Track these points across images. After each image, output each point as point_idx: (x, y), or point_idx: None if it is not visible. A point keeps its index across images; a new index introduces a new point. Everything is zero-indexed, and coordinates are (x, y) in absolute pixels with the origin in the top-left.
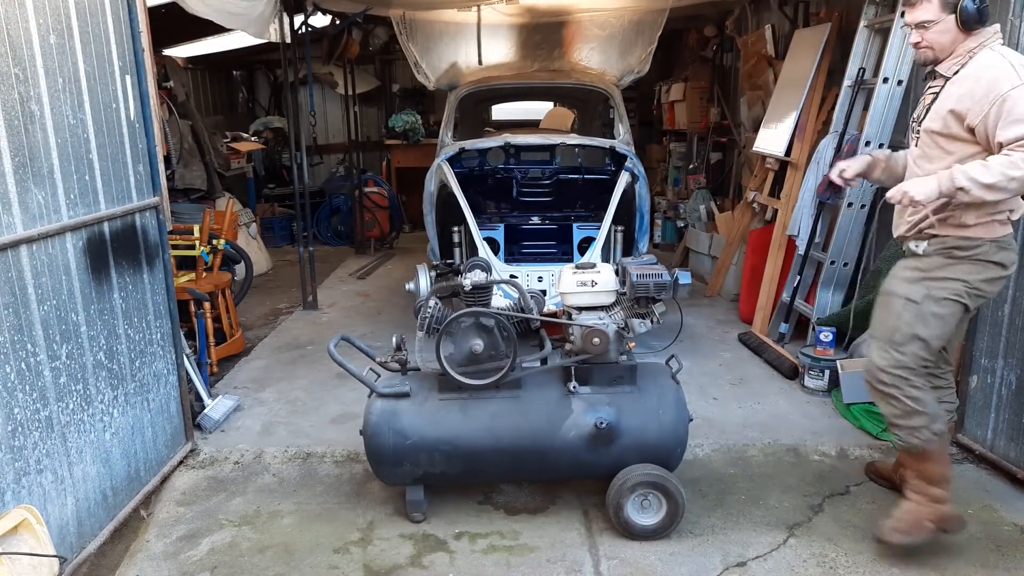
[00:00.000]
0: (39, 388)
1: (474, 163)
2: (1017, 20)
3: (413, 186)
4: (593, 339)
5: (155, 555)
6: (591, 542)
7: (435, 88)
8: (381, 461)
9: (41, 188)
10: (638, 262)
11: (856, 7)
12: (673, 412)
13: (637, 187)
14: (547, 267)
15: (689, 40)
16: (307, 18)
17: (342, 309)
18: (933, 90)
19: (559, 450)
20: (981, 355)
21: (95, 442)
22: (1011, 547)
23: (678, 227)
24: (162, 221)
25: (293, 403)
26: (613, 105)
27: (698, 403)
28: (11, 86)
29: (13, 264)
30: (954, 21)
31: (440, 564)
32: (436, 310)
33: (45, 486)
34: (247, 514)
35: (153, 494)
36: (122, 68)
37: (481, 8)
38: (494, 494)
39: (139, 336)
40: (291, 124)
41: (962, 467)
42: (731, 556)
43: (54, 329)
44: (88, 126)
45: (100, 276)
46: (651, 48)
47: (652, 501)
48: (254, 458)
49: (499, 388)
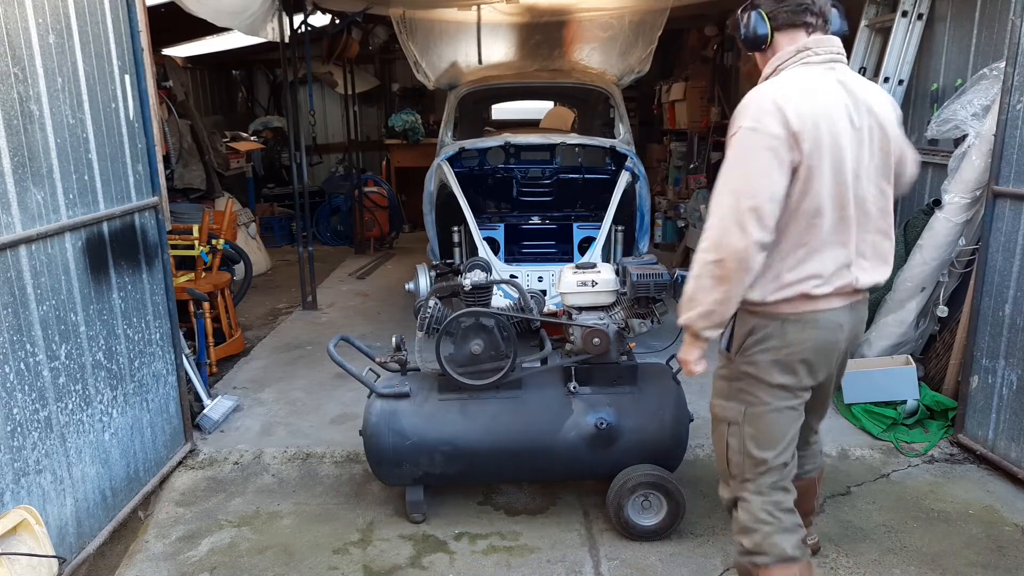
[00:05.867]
0: (38, 388)
1: (474, 163)
2: (1018, 20)
3: (413, 186)
4: (593, 339)
5: (154, 556)
6: (591, 543)
7: (435, 87)
8: (381, 461)
9: (40, 188)
10: (638, 262)
11: (856, 7)
12: (674, 412)
13: (638, 187)
14: (547, 267)
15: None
16: (306, 17)
17: (341, 309)
18: None
19: (559, 450)
20: (982, 355)
21: (94, 442)
22: (1012, 547)
23: (679, 227)
24: (161, 221)
25: (292, 403)
26: (613, 104)
27: (699, 403)
28: (10, 86)
29: (12, 264)
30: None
31: (440, 565)
32: (436, 310)
33: (44, 486)
34: (246, 515)
35: (152, 495)
36: (121, 68)
37: (481, 7)
38: (494, 495)
39: (138, 336)
40: (290, 124)
41: (963, 467)
42: (732, 556)
43: (53, 329)
44: (87, 126)
45: (99, 276)
46: (651, 48)
47: (653, 502)
48: (253, 459)
49: (499, 388)
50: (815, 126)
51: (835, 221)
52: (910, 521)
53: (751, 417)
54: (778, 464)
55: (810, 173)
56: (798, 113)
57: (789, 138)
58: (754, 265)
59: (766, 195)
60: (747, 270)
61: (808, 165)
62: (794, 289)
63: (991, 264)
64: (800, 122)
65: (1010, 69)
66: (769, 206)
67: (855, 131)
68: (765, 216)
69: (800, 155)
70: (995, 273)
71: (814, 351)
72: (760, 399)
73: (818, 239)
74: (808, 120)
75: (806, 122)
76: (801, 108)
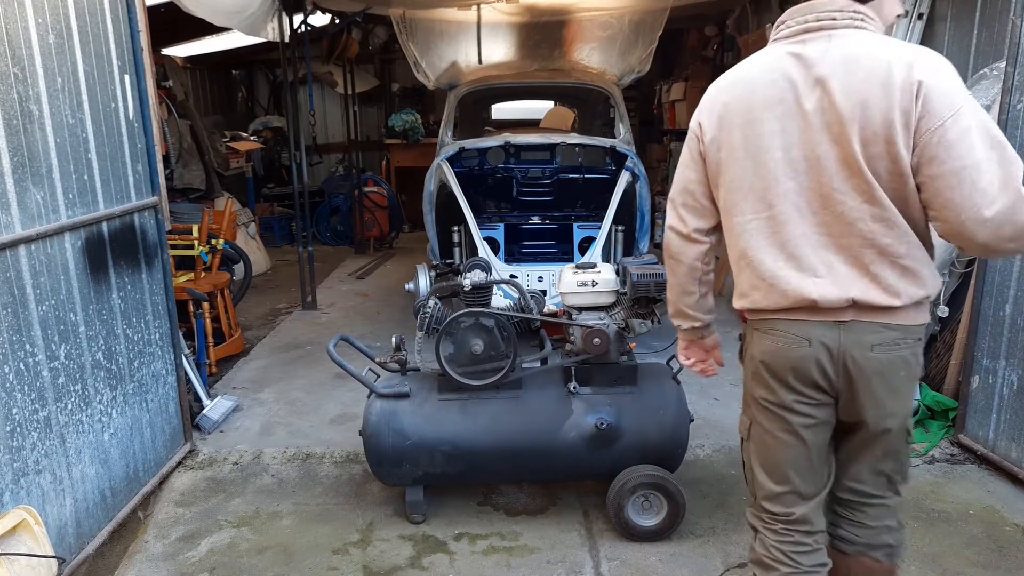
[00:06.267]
0: (38, 388)
1: (474, 163)
2: (1018, 20)
3: (413, 186)
4: (594, 339)
5: (154, 556)
6: (592, 543)
7: (435, 87)
8: (381, 462)
9: (40, 188)
10: (639, 262)
11: None
12: (674, 413)
13: (638, 187)
14: (547, 267)
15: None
16: (306, 17)
17: (341, 309)
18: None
19: (559, 451)
20: (983, 355)
21: (94, 443)
22: (1013, 547)
23: None
24: (161, 221)
25: (292, 403)
26: (613, 104)
27: (699, 403)
28: (10, 86)
29: (12, 264)
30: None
31: (440, 565)
32: (436, 310)
33: (44, 487)
34: (246, 515)
35: (152, 495)
36: (121, 68)
37: (481, 7)
38: (494, 495)
39: (138, 336)
40: (290, 123)
41: (963, 467)
42: (732, 557)
43: (52, 329)
44: (87, 126)
45: (99, 276)
46: (652, 47)
47: (653, 502)
48: (253, 459)
49: (499, 388)
50: (723, 113)
51: (763, 222)
52: (910, 521)
53: (753, 433)
54: (782, 494)
55: (718, 165)
56: (710, 100)
57: (697, 128)
58: (679, 252)
59: (679, 187)
60: (673, 257)
61: (715, 158)
62: (746, 298)
63: (991, 264)
64: (709, 111)
65: (1010, 69)
66: (680, 197)
67: (795, 114)
68: (677, 205)
69: (704, 146)
70: (995, 273)
71: (779, 363)
72: (754, 415)
73: (746, 241)
74: (718, 106)
75: (715, 109)
76: (715, 95)
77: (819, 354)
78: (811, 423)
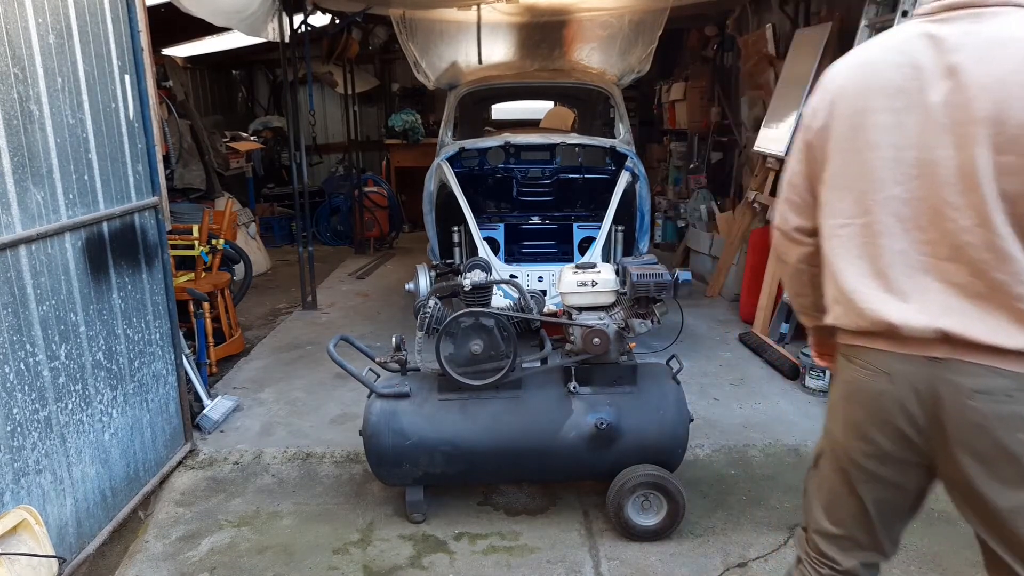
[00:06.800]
0: (38, 388)
1: (474, 163)
2: None
3: (413, 186)
4: (593, 339)
5: (154, 556)
6: (591, 543)
7: (435, 87)
8: (381, 462)
9: (40, 188)
10: (639, 262)
11: (857, 7)
12: (674, 412)
13: (638, 187)
14: (547, 267)
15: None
16: (306, 17)
17: (341, 309)
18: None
19: (559, 451)
20: None
21: (94, 442)
22: None
23: (679, 227)
24: (161, 221)
25: (292, 403)
26: (613, 104)
27: (699, 403)
28: (10, 86)
29: (12, 264)
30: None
31: (440, 565)
32: (436, 310)
33: (44, 486)
34: (246, 515)
35: (152, 495)
36: (121, 68)
37: (481, 7)
38: (494, 495)
39: (138, 336)
40: (290, 124)
41: None
42: (732, 557)
43: (53, 329)
44: (87, 126)
45: (99, 276)
46: (652, 47)
47: (653, 502)
48: (253, 459)
49: (499, 388)
50: (837, 97)
51: (855, 229)
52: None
53: (820, 466)
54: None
55: (824, 157)
56: (827, 81)
57: (809, 113)
58: (783, 252)
59: (787, 179)
60: (779, 259)
61: (822, 148)
62: (830, 313)
63: None
64: (824, 93)
65: None
66: (785, 190)
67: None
68: (781, 200)
69: (812, 133)
70: None
71: (857, 399)
72: (823, 448)
73: (831, 247)
74: (834, 88)
75: (830, 91)
76: (833, 76)
77: (903, 394)
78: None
